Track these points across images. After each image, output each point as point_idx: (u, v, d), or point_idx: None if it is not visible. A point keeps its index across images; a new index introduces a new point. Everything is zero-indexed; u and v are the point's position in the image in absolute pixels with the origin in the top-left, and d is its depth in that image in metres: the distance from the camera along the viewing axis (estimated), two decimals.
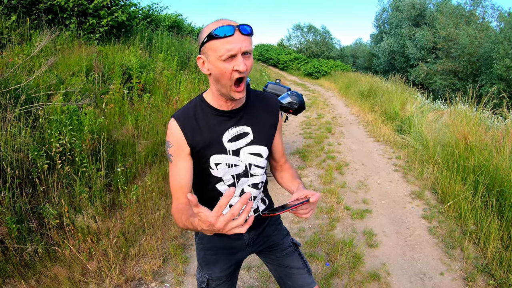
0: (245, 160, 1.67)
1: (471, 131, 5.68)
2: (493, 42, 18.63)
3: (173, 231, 3.91)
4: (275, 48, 40.20)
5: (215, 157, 1.62)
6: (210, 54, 1.42)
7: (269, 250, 1.94)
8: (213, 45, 1.39)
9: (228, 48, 1.36)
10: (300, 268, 1.90)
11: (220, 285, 1.86)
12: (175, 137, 1.58)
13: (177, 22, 15.34)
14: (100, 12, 8.01)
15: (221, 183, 1.68)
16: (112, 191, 4.35)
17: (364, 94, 14.05)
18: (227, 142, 1.62)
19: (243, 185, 1.71)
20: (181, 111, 1.63)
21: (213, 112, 1.61)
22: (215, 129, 1.61)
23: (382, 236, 4.12)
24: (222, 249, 1.85)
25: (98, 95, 5.76)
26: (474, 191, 4.63)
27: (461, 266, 3.61)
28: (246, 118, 1.65)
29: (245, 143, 1.66)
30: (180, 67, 9.46)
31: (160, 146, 5.64)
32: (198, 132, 1.59)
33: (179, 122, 1.58)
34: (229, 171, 1.65)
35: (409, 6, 27.47)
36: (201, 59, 1.49)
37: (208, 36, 1.39)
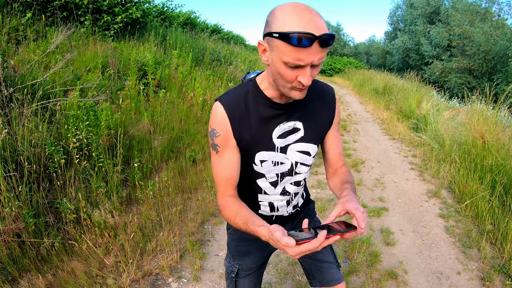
0: (292, 158, 1.53)
1: (488, 130, 5.59)
2: (509, 39, 18.39)
3: (190, 227, 3.91)
4: None
5: (262, 154, 1.49)
6: (276, 51, 1.18)
7: None
8: (281, 46, 1.15)
9: (298, 58, 1.14)
10: (331, 263, 1.86)
11: (249, 275, 1.85)
12: (222, 127, 1.42)
13: (191, 19, 15.37)
14: (114, 9, 8.06)
15: (263, 179, 1.57)
16: (128, 186, 4.37)
17: (379, 91, 13.95)
18: (276, 138, 1.47)
19: (285, 184, 1.60)
20: (230, 95, 1.44)
21: (266, 103, 1.42)
22: (266, 123, 1.45)
23: (399, 235, 4.08)
24: (256, 240, 1.76)
25: (114, 91, 5.79)
26: (491, 191, 4.56)
27: (478, 266, 3.56)
28: (299, 113, 1.48)
29: (294, 140, 1.50)
30: (195, 63, 9.47)
31: (177, 142, 5.65)
32: (247, 124, 1.43)
33: (227, 109, 1.41)
34: (274, 169, 1.53)
35: (424, 3, 27.21)
36: (262, 46, 1.25)
37: (280, 35, 1.12)
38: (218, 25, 19.92)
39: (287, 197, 1.64)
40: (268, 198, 1.63)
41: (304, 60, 1.14)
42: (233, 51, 14.76)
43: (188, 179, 4.88)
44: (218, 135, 1.42)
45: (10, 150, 3.48)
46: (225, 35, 19.81)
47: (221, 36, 18.72)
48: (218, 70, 10.25)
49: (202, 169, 5.26)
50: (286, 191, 1.62)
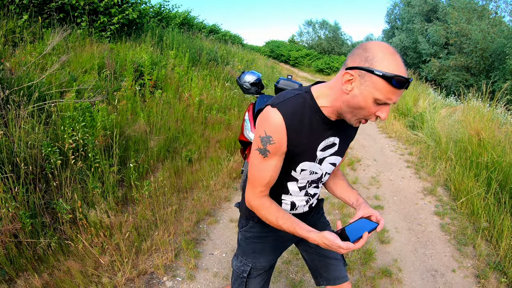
0: (324, 169, 1.67)
1: (484, 127, 5.62)
2: (506, 37, 18.36)
3: (185, 226, 3.93)
4: (286, 44, 40.04)
5: (305, 164, 1.59)
6: (369, 87, 1.28)
7: None
8: (380, 85, 1.26)
9: (389, 98, 1.29)
10: (338, 260, 1.95)
11: (260, 275, 1.90)
12: (278, 135, 1.45)
13: (188, 20, 15.38)
14: (111, 10, 8.05)
15: (294, 183, 1.68)
16: (124, 187, 4.39)
17: None
18: (319, 150, 1.58)
19: (309, 189, 1.74)
20: (288, 105, 1.46)
21: (320, 119, 1.49)
22: (316, 136, 1.53)
23: (394, 233, 4.11)
24: (272, 237, 1.88)
25: (110, 92, 5.80)
26: (487, 188, 4.59)
27: (473, 264, 3.60)
28: (338, 129, 1.58)
29: (330, 153, 1.62)
30: (192, 63, 9.48)
31: (173, 142, 5.68)
32: (300, 135, 1.49)
33: (285, 119, 1.43)
34: (308, 177, 1.66)
35: (421, 1, 27.15)
36: (352, 77, 1.32)
37: (384, 76, 1.24)
38: (216, 25, 19.95)
39: (307, 198, 1.79)
40: (292, 198, 1.75)
41: (392, 99, 1.30)
42: (230, 51, 14.75)
43: (184, 178, 4.90)
44: (273, 142, 1.46)
45: (7, 152, 3.50)
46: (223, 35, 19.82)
47: (218, 36, 18.73)
48: (215, 70, 10.26)
49: (198, 168, 5.28)
50: (308, 193, 1.76)
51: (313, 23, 37.75)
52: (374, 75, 1.25)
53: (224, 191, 4.90)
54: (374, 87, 1.27)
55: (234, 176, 5.35)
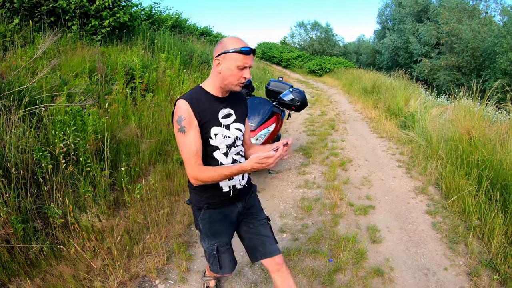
0: (234, 134, 2.22)
1: (474, 126, 5.66)
2: (497, 36, 18.52)
3: (177, 229, 3.93)
4: (277, 46, 40.08)
5: (214, 129, 2.13)
6: (230, 61, 2.00)
7: (250, 219, 2.41)
8: (236, 57, 1.98)
9: (246, 62, 2.01)
10: (271, 238, 2.40)
11: (227, 249, 2.40)
12: (187, 112, 2.02)
13: (179, 22, 15.36)
14: (102, 13, 8.05)
15: (217, 151, 2.17)
16: (116, 190, 4.39)
17: (368, 90, 14.02)
18: (221, 118, 2.15)
19: (232, 154, 2.23)
20: (186, 95, 2.09)
21: (211, 97, 2.13)
22: (213, 108, 2.13)
23: (385, 232, 4.13)
24: (225, 218, 2.32)
25: (102, 95, 5.80)
26: (478, 186, 4.62)
27: (465, 261, 3.62)
28: (231, 103, 2.22)
29: (232, 121, 2.21)
30: (183, 66, 9.48)
31: (164, 145, 5.67)
32: (202, 109, 2.07)
33: (188, 101, 2.04)
34: (224, 141, 2.17)
35: (412, 1, 27.33)
36: (219, 61, 2.03)
37: (235, 50, 1.97)
38: (208, 27, 19.92)
39: None
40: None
41: (248, 63, 2.03)
42: None
43: (175, 181, 4.90)
44: (184, 118, 2.02)
45: None
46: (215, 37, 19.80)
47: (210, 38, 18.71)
48: (207, 72, 10.25)
49: None
50: (234, 160, 2.24)
51: (305, 24, 37.79)
52: (230, 52, 1.98)
53: None
54: (233, 59, 1.99)
55: None
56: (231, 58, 1.99)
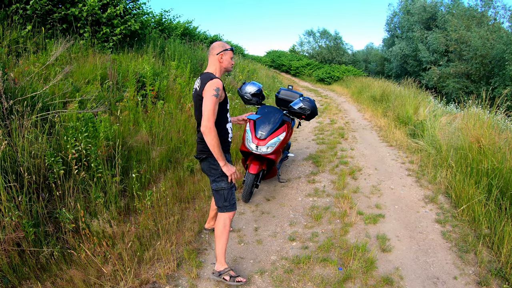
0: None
1: (484, 134, 5.63)
2: (506, 43, 18.33)
3: (187, 236, 3.96)
4: (286, 54, 40.17)
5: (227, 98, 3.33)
6: (227, 55, 3.26)
7: None
8: (230, 53, 3.29)
9: (233, 56, 3.35)
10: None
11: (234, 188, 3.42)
12: (222, 86, 3.09)
13: (189, 30, 15.45)
14: (113, 21, 8.13)
15: (227, 112, 3.37)
16: (127, 197, 4.42)
17: (377, 98, 13.97)
18: None
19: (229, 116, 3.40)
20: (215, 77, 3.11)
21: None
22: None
23: (395, 241, 4.12)
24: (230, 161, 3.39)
25: (113, 102, 5.86)
26: (488, 195, 4.59)
27: (474, 270, 3.59)
28: None
29: None
30: (193, 74, 9.53)
31: (175, 152, 5.72)
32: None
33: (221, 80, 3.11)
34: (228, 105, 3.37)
35: (420, 9, 27.25)
36: (221, 55, 3.23)
37: (230, 49, 3.29)
38: (218, 36, 20.01)
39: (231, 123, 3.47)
40: (229, 124, 3.40)
41: (233, 56, 3.37)
42: None
43: (186, 189, 4.94)
44: (220, 90, 3.04)
45: (10, 161, 3.53)
46: None
47: None
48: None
49: (199, 179, 5.32)
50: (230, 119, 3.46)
51: (314, 32, 37.82)
52: (228, 50, 3.27)
53: None
54: (229, 55, 3.28)
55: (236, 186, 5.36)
56: (228, 54, 3.27)
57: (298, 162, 6.92)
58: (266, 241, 4.11)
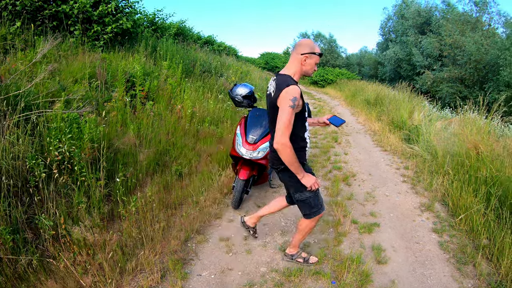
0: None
1: (481, 141, 5.52)
2: (500, 48, 18.43)
3: (173, 245, 3.76)
4: (280, 56, 40.36)
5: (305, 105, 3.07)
6: (312, 59, 2.93)
7: None
8: (317, 58, 2.95)
9: (318, 62, 3.02)
10: None
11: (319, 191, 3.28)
12: (299, 94, 2.81)
13: (182, 30, 15.30)
14: (105, 19, 7.98)
15: (306, 121, 3.12)
16: (111, 202, 4.22)
17: (371, 102, 13.90)
18: None
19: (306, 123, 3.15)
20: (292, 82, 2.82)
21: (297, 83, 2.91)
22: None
23: (391, 252, 3.96)
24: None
25: (101, 102, 5.67)
26: (487, 204, 4.47)
27: (473, 284, 3.46)
28: None
29: None
30: (185, 75, 9.36)
31: (163, 155, 5.55)
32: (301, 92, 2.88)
33: (298, 86, 2.82)
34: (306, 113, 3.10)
35: (415, 13, 27.43)
36: (306, 57, 2.90)
37: (318, 54, 2.95)
38: (211, 36, 19.89)
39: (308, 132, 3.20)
40: (307, 133, 3.13)
41: (318, 61, 2.99)
42: (225, 63, 14.68)
43: (173, 194, 4.75)
44: (298, 99, 2.77)
45: None
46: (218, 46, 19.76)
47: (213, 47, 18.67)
48: (209, 81, 10.16)
49: (188, 183, 5.14)
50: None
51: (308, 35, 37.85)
52: (315, 54, 2.93)
53: (215, 207, 4.75)
54: (314, 59, 2.93)
55: (225, 192, 5.21)
56: (313, 58, 2.93)
57: None
58: (255, 251, 3.92)
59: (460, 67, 21.50)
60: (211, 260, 3.69)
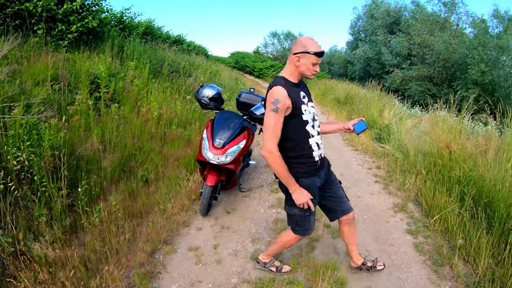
0: (311, 110, 2.85)
1: (453, 140, 5.53)
2: (468, 48, 19.00)
3: (139, 257, 3.55)
4: (251, 55, 40.40)
5: (303, 106, 2.75)
6: (307, 59, 2.65)
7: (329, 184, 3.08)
8: (313, 57, 2.65)
9: (318, 60, 2.68)
10: (345, 198, 3.15)
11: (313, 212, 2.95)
12: (282, 96, 2.58)
13: (151, 29, 15.00)
14: (70, 17, 7.66)
15: (308, 125, 2.78)
16: (74, 213, 3.98)
17: (341, 101, 13.96)
18: (302, 98, 2.78)
19: (316, 127, 2.87)
20: (277, 83, 2.66)
21: (292, 84, 2.74)
22: (297, 91, 2.75)
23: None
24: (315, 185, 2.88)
25: (63, 106, 5.40)
26: (461, 203, 4.45)
27: (451, 286, 3.42)
28: (301, 87, 2.86)
29: (307, 100, 2.85)
30: (152, 75, 9.08)
31: (129, 160, 5.32)
32: (293, 92, 2.68)
33: (284, 87, 2.62)
34: (309, 115, 2.79)
35: (384, 13, 27.94)
36: (299, 57, 2.66)
37: (315, 53, 2.63)
38: (181, 35, 19.61)
39: (319, 136, 2.91)
40: (313, 139, 2.82)
41: (319, 61, 2.71)
42: (194, 62, 14.44)
43: (139, 202, 4.54)
44: (280, 101, 2.57)
45: None
46: (187, 46, 19.50)
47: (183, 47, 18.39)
48: (177, 82, 9.93)
49: (154, 190, 4.94)
50: (318, 131, 2.89)
51: (278, 34, 37.95)
52: (309, 53, 2.63)
53: (183, 215, 4.56)
54: (310, 59, 2.65)
55: (194, 198, 5.01)
56: (309, 58, 2.63)
57: (261, 169, 6.60)
58: (226, 261, 3.75)
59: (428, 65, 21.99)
60: (180, 272, 3.51)
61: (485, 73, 17.80)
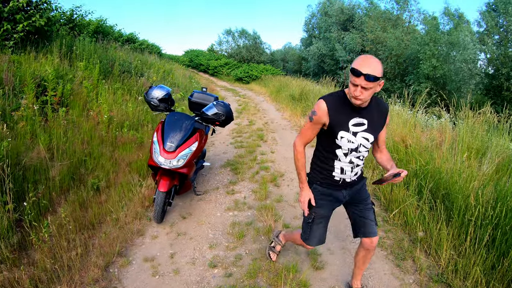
0: (358, 141, 2.53)
1: (409, 133, 5.59)
2: (420, 43, 19.68)
3: (93, 273, 3.33)
4: (205, 53, 40.21)
5: (342, 132, 2.49)
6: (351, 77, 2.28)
7: (359, 202, 2.88)
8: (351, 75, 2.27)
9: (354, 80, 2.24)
10: (373, 221, 2.88)
11: (320, 223, 2.89)
12: (321, 111, 2.47)
13: (102, 28, 14.52)
14: (16, 16, 7.28)
15: (339, 149, 2.59)
16: (23, 228, 3.69)
17: (296, 97, 13.99)
18: (351, 125, 2.49)
19: (351, 156, 2.60)
20: (329, 95, 2.52)
21: (349, 104, 2.45)
22: (346, 114, 2.48)
23: (327, 255, 3.84)
24: (329, 196, 2.81)
25: (8, 112, 5.08)
26: (419, 196, 4.50)
27: (415, 279, 3.45)
28: (365, 114, 2.50)
29: (361, 130, 2.52)
30: (103, 76, 8.72)
31: (78, 167, 5.04)
32: (336, 112, 2.46)
33: (327, 102, 2.46)
34: (347, 144, 2.53)
35: (338, 11, 28.47)
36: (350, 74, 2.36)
37: (351, 68, 2.25)
38: (133, 34, 19.15)
39: (351, 165, 2.66)
40: (340, 164, 2.65)
41: (356, 82, 2.24)
42: (146, 61, 14.08)
43: (90, 212, 4.30)
44: (317, 114, 2.49)
45: None
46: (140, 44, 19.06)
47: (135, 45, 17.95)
48: (128, 82, 9.60)
49: (106, 198, 4.68)
50: (351, 161, 2.64)
51: (233, 32, 37.79)
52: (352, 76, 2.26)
53: (137, 223, 4.36)
54: (351, 78, 2.28)
55: (147, 205, 4.80)
56: (350, 75, 2.29)
57: (216, 170, 6.44)
58: (184, 270, 3.59)
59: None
60: (137, 285, 3.33)
61: (437, 67, 18.53)
